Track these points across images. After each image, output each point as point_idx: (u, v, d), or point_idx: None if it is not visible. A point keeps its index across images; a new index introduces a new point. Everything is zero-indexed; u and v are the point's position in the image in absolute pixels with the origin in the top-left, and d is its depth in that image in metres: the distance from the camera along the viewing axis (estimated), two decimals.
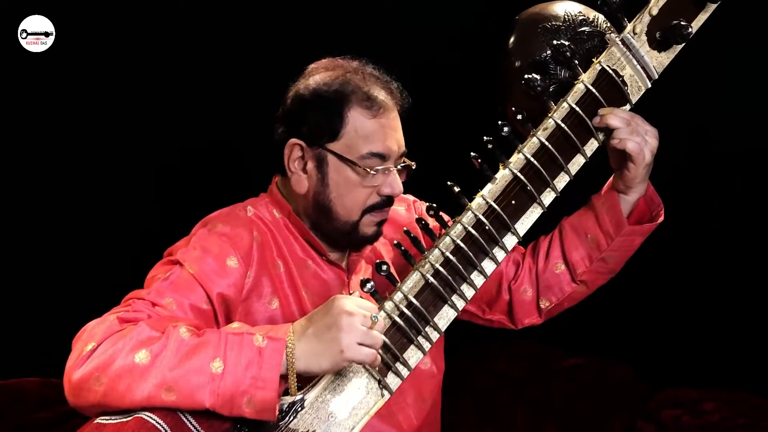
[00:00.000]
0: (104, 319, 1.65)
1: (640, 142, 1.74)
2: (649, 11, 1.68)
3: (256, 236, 1.87)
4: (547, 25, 1.75)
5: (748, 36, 2.75)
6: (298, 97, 1.90)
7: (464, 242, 1.71)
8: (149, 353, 1.54)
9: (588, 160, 1.74)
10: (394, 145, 1.88)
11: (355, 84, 1.87)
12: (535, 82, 1.68)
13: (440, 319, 1.73)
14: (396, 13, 2.97)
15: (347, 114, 1.85)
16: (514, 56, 1.79)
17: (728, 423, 2.69)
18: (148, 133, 2.82)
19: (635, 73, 1.71)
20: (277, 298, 1.87)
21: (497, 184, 1.72)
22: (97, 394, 1.55)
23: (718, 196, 2.99)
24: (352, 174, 1.86)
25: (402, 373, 1.71)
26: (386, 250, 2.08)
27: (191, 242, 1.83)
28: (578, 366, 2.86)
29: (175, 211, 2.33)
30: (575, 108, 1.70)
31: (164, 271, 1.77)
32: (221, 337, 1.58)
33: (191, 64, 2.82)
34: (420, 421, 1.94)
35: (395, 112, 1.91)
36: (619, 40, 1.70)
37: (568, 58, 1.68)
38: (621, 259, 1.99)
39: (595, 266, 1.98)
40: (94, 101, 2.75)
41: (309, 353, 1.58)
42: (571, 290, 2.03)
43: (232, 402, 1.55)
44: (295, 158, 1.90)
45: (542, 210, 1.74)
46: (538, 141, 1.71)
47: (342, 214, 1.88)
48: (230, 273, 1.80)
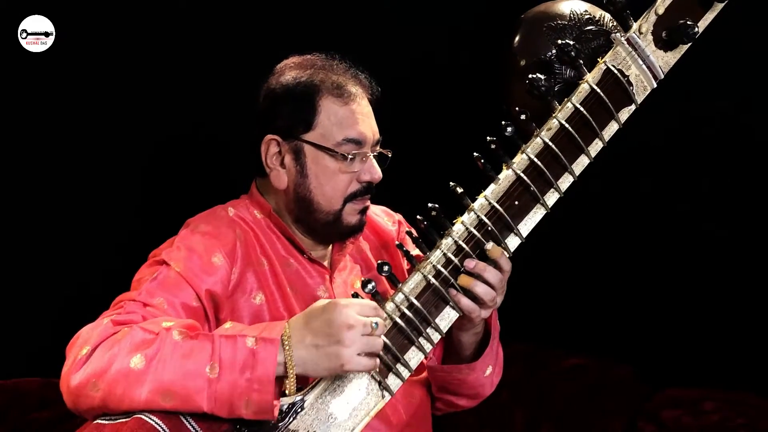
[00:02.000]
0: (98, 323, 1.65)
1: (489, 302, 1.72)
2: (655, 10, 1.66)
3: (239, 234, 1.89)
4: (552, 24, 1.73)
5: (755, 35, 2.73)
6: (269, 94, 1.94)
7: (466, 243, 1.70)
8: (144, 357, 1.54)
9: (592, 160, 1.72)
10: (368, 131, 1.91)
11: (324, 75, 1.92)
12: (539, 82, 1.66)
13: (442, 320, 1.71)
14: (398, 11, 2.95)
15: (319, 103, 1.89)
16: (518, 55, 1.77)
17: (728, 423, 2.68)
18: (148, 133, 2.81)
19: (641, 72, 1.69)
20: (262, 294, 1.87)
21: (500, 184, 1.70)
22: (95, 399, 1.55)
23: (718, 197, 2.97)
24: (330, 162, 1.88)
25: (403, 374, 1.70)
26: (373, 254, 2.09)
27: (175, 243, 1.84)
28: (578, 366, 2.84)
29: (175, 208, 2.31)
30: (580, 108, 1.68)
31: (151, 272, 1.78)
32: (214, 339, 1.57)
33: (192, 63, 2.82)
34: (409, 415, 1.94)
35: (366, 100, 1.95)
36: (624, 39, 1.68)
37: (573, 57, 1.66)
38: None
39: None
40: (94, 101, 2.74)
41: (308, 362, 1.58)
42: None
43: (230, 405, 1.54)
44: (273, 154, 1.92)
45: (546, 211, 1.73)
46: (542, 141, 1.69)
47: (324, 204, 1.90)
48: (216, 270, 1.81)
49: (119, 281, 1.86)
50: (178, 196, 2.78)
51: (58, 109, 2.71)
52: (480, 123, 1.81)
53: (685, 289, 2.99)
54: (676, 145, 2.95)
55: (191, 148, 2.94)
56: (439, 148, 2.40)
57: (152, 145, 2.85)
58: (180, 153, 2.92)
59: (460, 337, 1.88)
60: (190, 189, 2.85)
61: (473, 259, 1.69)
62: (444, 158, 2.27)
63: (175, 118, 2.83)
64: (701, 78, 2.58)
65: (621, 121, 1.71)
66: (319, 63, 1.95)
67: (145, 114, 2.79)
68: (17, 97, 2.65)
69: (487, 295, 1.70)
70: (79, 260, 2.74)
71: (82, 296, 2.12)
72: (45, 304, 2.71)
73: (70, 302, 2.59)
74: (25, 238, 2.71)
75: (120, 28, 2.75)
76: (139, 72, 2.78)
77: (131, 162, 2.81)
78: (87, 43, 2.70)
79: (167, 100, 2.79)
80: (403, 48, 2.62)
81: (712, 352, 2.95)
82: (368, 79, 1.99)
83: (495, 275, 1.70)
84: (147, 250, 1.89)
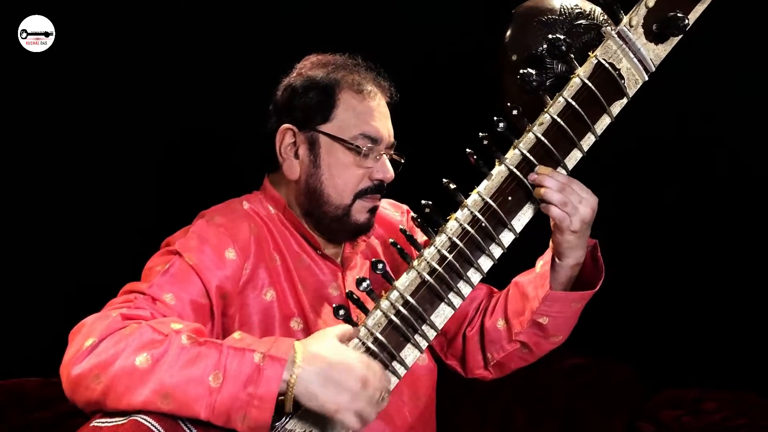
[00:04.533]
0: (105, 315, 1.63)
1: (569, 211, 1.71)
2: (645, 3, 1.66)
3: (253, 228, 1.88)
4: (543, 19, 1.73)
5: (748, 28, 2.73)
6: (288, 87, 1.96)
7: (460, 239, 1.69)
8: (150, 357, 1.53)
9: (585, 154, 1.72)
10: (384, 130, 1.92)
11: (345, 72, 1.93)
12: (530, 77, 1.66)
13: (437, 317, 1.71)
14: (391, 8, 2.96)
15: (338, 96, 1.90)
16: (510, 50, 1.77)
17: (729, 423, 2.67)
18: (148, 133, 2.81)
19: (632, 66, 1.69)
20: (273, 290, 1.86)
21: (493, 180, 1.70)
22: (95, 392, 1.54)
23: (719, 197, 2.97)
24: (344, 154, 1.89)
25: (399, 371, 1.70)
26: (382, 249, 2.08)
27: (189, 233, 1.83)
28: (578, 366, 2.83)
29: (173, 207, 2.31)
30: (571, 102, 1.67)
31: (163, 263, 1.77)
32: (222, 349, 1.56)
33: (193, 63, 2.82)
34: (414, 418, 1.93)
35: (384, 101, 1.96)
36: (615, 32, 1.68)
37: (564, 52, 1.66)
38: (561, 326, 1.93)
39: (532, 329, 1.93)
40: (94, 101, 2.74)
41: (308, 392, 1.55)
42: (512, 349, 1.99)
43: (228, 416, 1.53)
44: (287, 144, 1.93)
45: (539, 206, 1.72)
46: (534, 136, 1.69)
47: (334, 196, 1.90)
48: (228, 265, 1.80)
49: (120, 281, 1.85)
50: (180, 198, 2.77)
51: (57, 110, 2.71)
52: (472, 119, 1.80)
53: (685, 289, 2.99)
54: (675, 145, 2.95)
55: (196, 146, 2.93)
56: (431, 144, 2.40)
57: (161, 140, 2.85)
58: (179, 154, 2.91)
59: (557, 265, 1.84)
60: (197, 184, 2.85)
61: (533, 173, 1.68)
62: (437, 155, 2.27)
63: (176, 118, 2.83)
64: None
65: (613, 114, 1.70)
66: (341, 61, 1.97)
67: (144, 114, 2.79)
68: (17, 97, 2.66)
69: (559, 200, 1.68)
70: (79, 259, 2.74)
71: (82, 296, 2.10)
72: (45, 304, 2.71)
73: (71, 302, 2.57)
74: (24, 237, 2.71)
75: (120, 28, 2.75)
76: (139, 71, 2.78)
77: (131, 161, 2.81)
78: (87, 43, 2.71)
79: (168, 100, 2.80)
80: (395, 44, 2.62)
81: (712, 352, 2.94)
82: (388, 82, 1.99)
83: (552, 182, 1.67)
84: (151, 251, 1.87)
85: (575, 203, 1.71)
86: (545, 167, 1.69)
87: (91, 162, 2.76)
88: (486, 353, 2.03)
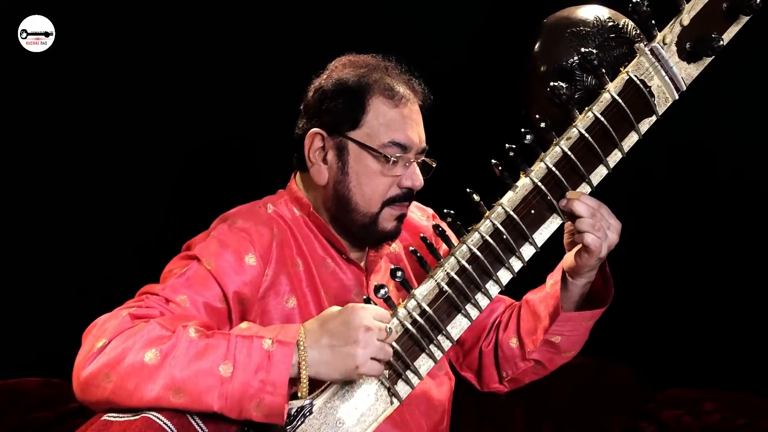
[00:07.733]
0: (116, 315, 1.62)
1: (600, 237, 1.70)
2: (680, 21, 1.63)
3: (275, 233, 1.85)
4: (575, 31, 1.70)
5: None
6: (319, 89, 1.90)
7: (481, 251, 1.67)
8: (159, 353, 1.52)
9: (611, 171, 1.70)
10: (415, 137, 1.87)
11: (377, 75, 1.88)
12: (560, 90, 1.63)
13: (453, 327, 1.70)
14: (416, 15, 2.93)
15: (369, 102, 1.85)
16: (539, 61, 1.74)
17: (729, 423, 2.69)
18: (149, 132, 2.81)
19: (663, 84, 1.66)
20: (295, 297, 1.85)
21: (517, 192, 1.68)
22: (106, 391, 1.53)
23: (718, 196, 2.97)
24: (373, 162, 1.85)
25: (412, 381, 1.69)
26: (406, 254, 2.06)
27: (210, 237, 1.81)
28: (578, 366, 2.82)
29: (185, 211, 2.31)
30: (600, 118, 1.65)
31: (181, 266, 1.75)
32: (230, 339, 1.55)
33: (194, 63, 2.81)
34: (430, 428, 1.93)
35: (417, 106, 1.91)
36: (648, 49, 1.64)
37: (596, 66, 1.63)
38: (574, 343, 1.93)
39: (545, 347, 1.93)
40: (94, 101, 2.74)
41: (321, 363, 1.56)
42: (526, 367, 1.99)
43: (241, 405, 1.53)
44: (316, 148, 1.89)
45: (562, 221, 1.71)
46: (561, 150, 1.66)
47: (362, 204, 1.87)
48: (248, 271, 1.78)
49: (126, 281, 1.85)
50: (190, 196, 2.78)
51: (57, 110, 2.70)
52: (498, 128, 1.78)
53: (685, 289, 3.00)
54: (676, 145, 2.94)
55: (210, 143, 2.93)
56: (456, 154, 2.38)
57: (162, 140, 2.84)
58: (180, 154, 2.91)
59: (570, 284, 1.85)
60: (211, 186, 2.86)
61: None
62: (462, 164, 2.25)
63: (174, 118, 2.82)
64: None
65: (641, 132, 1.68)
66: (373, 63, 1.91)
67: (146, 113, 2.79)
68: (17, 97, 2.65)
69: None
70: (79, 260, 2.74)
71: (82, 296, 2.11)
72: (45, 304, 2.70)
73: (71, 302, 2.58)
74: (25, 237, 2.71)
75: (120, 28, 2.74)
76: (140, 71, 2.77)
77: (131, 160, 2.81)
78: (87, 43, 2.69)
79: (168, 99, 2.79)
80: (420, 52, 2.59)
81: (712, 352, 2.96)
82: (422, 86, 1.94)
83: (585, 208, 1.68)
84: (157, 256, 1.87)
85: (606, 230, 1.70)
86: (575, 192, 1.67)
87: (93, 161, 2.77)
88: (501, 370, 2.03)
